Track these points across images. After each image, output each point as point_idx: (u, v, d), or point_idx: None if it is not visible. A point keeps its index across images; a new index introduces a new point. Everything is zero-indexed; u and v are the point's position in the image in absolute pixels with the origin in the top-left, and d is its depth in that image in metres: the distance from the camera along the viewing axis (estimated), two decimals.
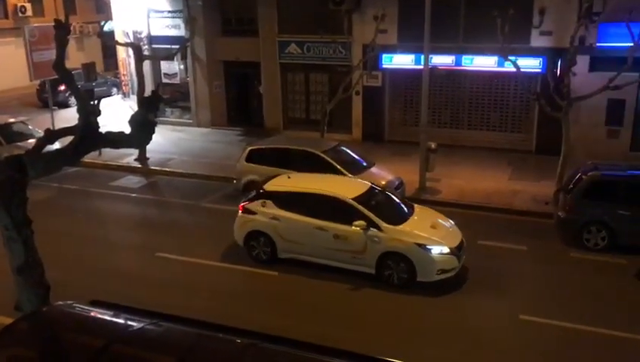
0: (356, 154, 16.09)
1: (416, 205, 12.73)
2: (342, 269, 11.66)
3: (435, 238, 11.25)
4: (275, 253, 12.19)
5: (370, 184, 12.65)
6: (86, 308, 6.46)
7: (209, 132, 23.53)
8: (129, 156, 19.29)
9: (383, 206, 11.98)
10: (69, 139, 6.99)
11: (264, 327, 6.24)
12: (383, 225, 11.26)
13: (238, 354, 5.64)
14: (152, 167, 19.06)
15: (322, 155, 15.03)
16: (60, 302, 6.63)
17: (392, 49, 20.13)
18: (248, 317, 9.40)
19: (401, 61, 20.19)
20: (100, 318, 6.29)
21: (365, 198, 11.82)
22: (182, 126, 23.73)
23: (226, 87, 24.11)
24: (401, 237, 11.15)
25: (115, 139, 6.76)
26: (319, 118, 19.61)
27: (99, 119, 6.95)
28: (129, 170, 19.05)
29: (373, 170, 15.50)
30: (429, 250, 11.05)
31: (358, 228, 11.21)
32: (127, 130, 7.00)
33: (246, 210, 12.41)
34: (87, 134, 6.55)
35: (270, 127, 22.63)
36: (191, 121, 24.19)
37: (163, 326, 6.03)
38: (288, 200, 12.06)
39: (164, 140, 20.66)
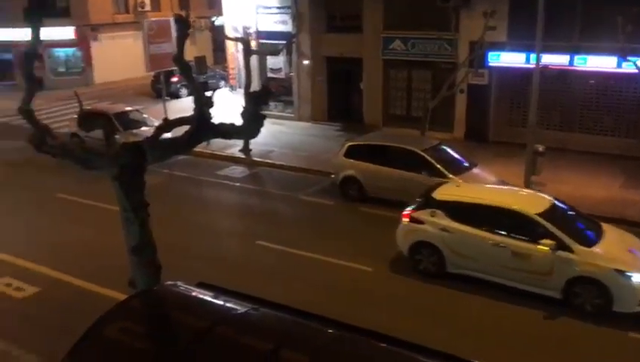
0: (457, 154, 15.75)
1: (604, 224, 11.47)
2: (517, 290, 10.70)
3: (636, 264, 10.09)
4: (443, 267, 11.43)
5: (552, 198, 11.55)
6: (193, 289, 6.82)
7: (309, 126, 23.93)
8: (234, 147, 20.04)
9: (570, 223, 10.95)
10: (180, 129, 7.40)
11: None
12: (576, 246, 10.16)
13: (335, 345, 5.73)
14: (255, 159, 19.70)
15: (422, 154, 14.85)
16: (170, 282, 7.04)
17: (500, 46, 19.49)
18: (351, 315, 9.49)
19: (510, 59, 19.50)
20: (205, 300, 6.62)
21: (551, 214, 10.75)
22: (283, 120, 24.29)
23: (328, 83, 24.38)
24: (597, 262, 10.00)
25: (226, 131, 7.07)
26: (420, 116, 19.40)
27: (211, 111, 7.28)
28: (233, 160, 19.79)
29: (475, 171, 15.11)
30: (630, 277, 9.87)
31: (545, 248, 10.17)
32: (237, 121, 7.29)
33: (413, 219, 11.69)
34: (201, 125, 6.90)
35: (369, 124, 22.64)
36: (292, 115, 24.71)
37: (264, 312, 6.25)
38: (461, 212, 11.23)
39: (266, 133, 21.02)
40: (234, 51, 27.91)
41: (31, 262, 12.54)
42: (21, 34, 31.74)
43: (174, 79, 29.36)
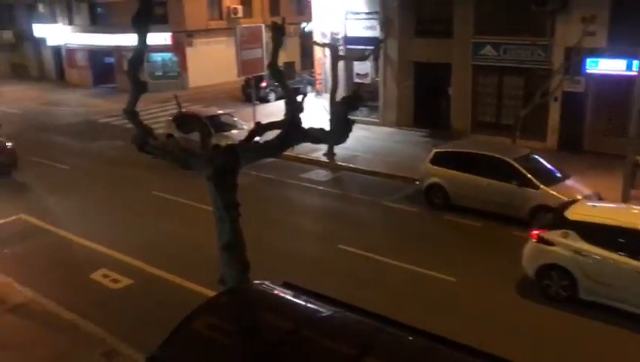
0: (550, 164, 15.14)
1: None
2: None
3: None
4: (575, 293, 10.61)
5: None
6: (279, 288, 6.98)
7: (394, 132, 23.80)
8: (318, 151, 20.27)
9: None
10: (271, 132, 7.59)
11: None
12: None
13: (422, 356, 5.67)
14: (339, 163, 19.83)
15: (513, 163, 14.39)
16: (257, 281, 7.24)
17: (599, 53, 18.54)
18: (434, 325, 9.37)
19: (610, 66, 18.50)
20: (291, 301, 6.76)
21: None
22: (368, 125, 24.27)
23: (415, 88, 24.15)
24: None
25: (316, 135, 7.19)
26: (511, 124, 18.83)
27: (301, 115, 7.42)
28: (318, 163, 20.03)
29: (569, 182, 14.47)
30: None
31: None
32: (323, 125, 7.39)
33: (542, 240, 10.96)
34: (292, 129, 7.05)
35: (457, 130, 22.21)
36: (377, 120, 24.67)
37: (348, 317, 6.29)
38: (599, 234, 10.36)
39: (350, 137, 20.77)
40: (321, 57, 28.23)
41: (126, 255, 13.26)
42: (123, 39, 33.83)
43: (263, 84, 30.13)
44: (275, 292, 6.90)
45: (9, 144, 19.66)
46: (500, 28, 20.85)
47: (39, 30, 38.37)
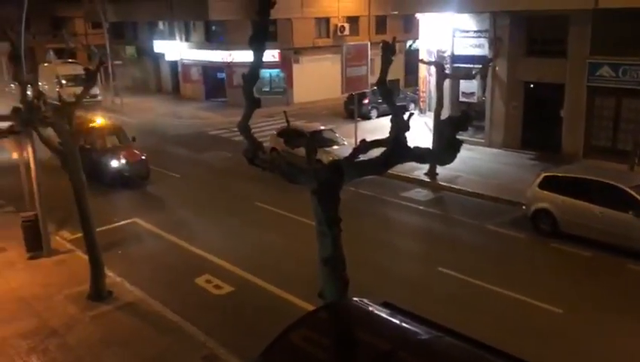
0: None
1: None
2: None
3: None
4: None
5: None
6: (378, 307, 6.92)
7: (500, 153, 23.05)
8: (419, 169, 20.03)
9: None
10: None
11: None
12: None
13: None
14: (441, 183, 19.47)
15: (630, 191, 13.45)
16: (356, 299, 7.23)
17: None
18: (539, 357, 8.93)
19: None
20: (389, 321, 6.67)
21: None
22: (473, 145, 23.69)
23: (524, 109, 23.28)
24: None
25: (422, 155, 7.10)
26: (628, 149, 17.66)
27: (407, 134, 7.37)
28: (418, 182, 19.78)
29: None
30: None
31: None
32: (425, 144, 7.27)
33: None
34: (398, 148, 7.01)
35: (568, 154, 21.12)
36: (483, 141, 24.01)
37: (448, 341, 6.12)
38: None
39: None
40: (426, 75, 27.99)
41: (228, 263, 13.75)
42: (234, 55, 35.38)
43: (366, 101, 30.32)
44: (375, 310, 6.85)
45: (144, 157, 20.38)
46: (619, 48, 19.66)
47: (159, 46, 41.02)
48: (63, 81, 37.25)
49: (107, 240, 14.16)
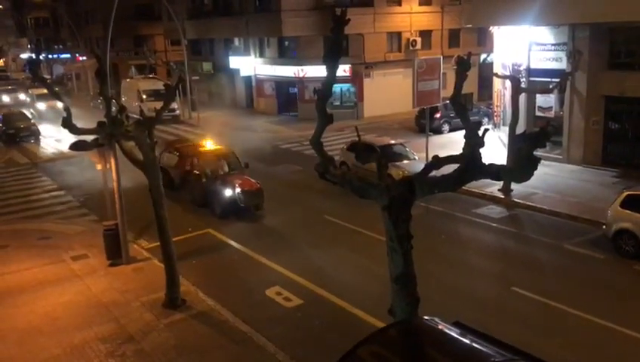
0: None
1: None
2: None
3: None
4: None
5: None
6: (449, 326, 6.76)
7: (579, 170, 22.12)
8: (493, 186, 19.51)
9: None
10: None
11: None
12: None
13: None
14: (515, 200, 18.88)
15: None
16: (427, 317, 7.10)
17: None
18: None
19: None
20: (461, 341, 6.50)
21: None
22: (550, 161, 22.84)
23: (605, 124, 22.27)
24: None
25: (498, 172, 6.91)
26: None
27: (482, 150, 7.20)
28: (492, 199, 19.27)
29: None
30: None
31: None
32: (498, 159, 7.06)
33: None
34: (472, 164, 6.87)
35: None
36: (560, 157, 23.13)
37: None
38: None
39: None
40: (500, 88, 27.35)
41: (298, 276, 13.85)
42: (306, 71, 35.89)
43: (437, 115, 29.93)
44: (446, 330, 6.70)
45: (259, 185, 18.68)
46: None
47: (234, 62, 42.26)
48: (144, 96, 39.00)
49: (182, 250, 14.58)
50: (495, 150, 22.36)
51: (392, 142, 23.09)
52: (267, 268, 14.54)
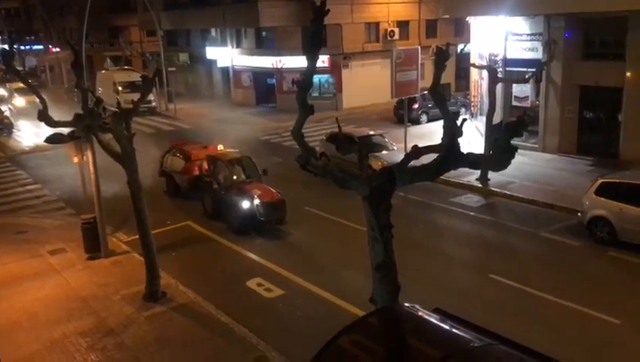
0: None
1: None
2: None
3: None
4: None
5: None
6: (429, 313, 6.88)
7: (554, 158, 22.48)
8: (470, 175, 19.73)
9: None
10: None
11: None
12: None
13: None
14: (492, 188, 19.15)
15: None
16: (407, 304, 7.21)
17: None
18: None
19: None
20: (441, 327, 6.63)
21: None
22: (526, 150, 23.13)
23: (580, 113, 22.64)
24: None
25: (475, 161, 7.03)
26: None
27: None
28: (469, 188, 19.51)
29: None
30: None
31: None
32: (476, 150, 7.18)
33: None
34: (451, 154, 6.97)
35: (626, 160, 20.39)
36: (536, 146, 23.46)
37: (502, 351, 6.04)
38: None
39: None
40: (477, 78, 27.61)
41: (279, 267, 13.92)
42: (284, 61, 35.78)
43: (416, 106, 30.12)
44: (426, 316, 6.82)
45: (281, 196, 16.52)
46: None
47: (211, 53, 41.91)
48: (120, 88, 38.51)
49: (162, 243, 14.52)
50: (473, 140, 22.60)
51: (372, 132, 23.17)
52: (248, 259, 14.58)
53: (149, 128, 33.33)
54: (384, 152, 21.17)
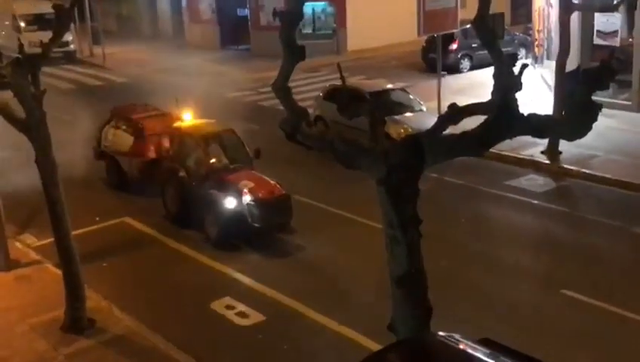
0: None
1: None
2: None
3: None
4: None
5: None
6: (474, 345, 6.94)
7: None
8: (534, 146, 19.80)
9: None
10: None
11: None
12: None
13: None
14: (565, 166, 19.26)
15: None
16: (442, 333, 7.27)
17: None
18: None
19: None
20: None
21: None
22: (614, 109, 23.14)
23: None
24: None
25: (541, 126, 7.02)
26: None
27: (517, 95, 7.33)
28: (532, 165, 19.63)
29: None
30: None
31: None
32: (547, 110, 7.19)
33: None
34: (504, 116, 6.97)
35: None
36: (629, 103, 23.53)
37: None
38: None
39: None
40: (543, 6, 27.58)
41: (256, 281, 14.00)
42: None
43: (454, 46, 30.09)
44: (469, 350, 6.88)
45: (284, 191, 15.99)
46: None
47: None
48: (23, 24, 38.28)
49: (88, 248, 14.54)
50: (537, 94, 22.60)
51: (390, 86, 23.16)
52: (212, 271, 14.65)
53: (66, 82, 33.25)
54: (408, 115, 21.20)
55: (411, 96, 22.55)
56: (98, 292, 13.52)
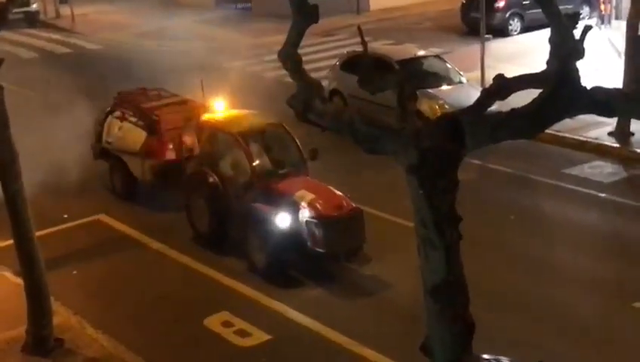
0: None
1: None
2: None
3: None
4: None
5: None
6: None
7: None
8: (599, 127, 19.75)
9: None
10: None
11: None
12: None
13: None
14: (638, 150, 19.22)
15: None
16: (487, 357, 7.30)
17: None
18: None
19: None
20: None
21: None
22: None
23: None
24: None
25: (607, 102, 6.99)
26: None
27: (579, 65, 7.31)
28: (597, 150, 19.61)
29: None
30: None
31: None
32: (616, 83, 7.15)
33: None
34: (563, 89, 6.94)
35: None
36: None
37: None
38: None
39: None
40: None
41: (260, 292, 14.08)
42: None
43: (501, 3, 29.94)
44: None
45: (354, 206, 14.77)
46: None
47: None
48: None
49: (55, 252, 14.69)
50: (603, 63, 22.51)
51: (422, 53, 23.12)
52: (205, 279, 14.75)
53: (27, 49, 33.38)
54: (444, 88, 21.16)
55: (448, 65, 22.51)
56: (67, 305, 13.61)
